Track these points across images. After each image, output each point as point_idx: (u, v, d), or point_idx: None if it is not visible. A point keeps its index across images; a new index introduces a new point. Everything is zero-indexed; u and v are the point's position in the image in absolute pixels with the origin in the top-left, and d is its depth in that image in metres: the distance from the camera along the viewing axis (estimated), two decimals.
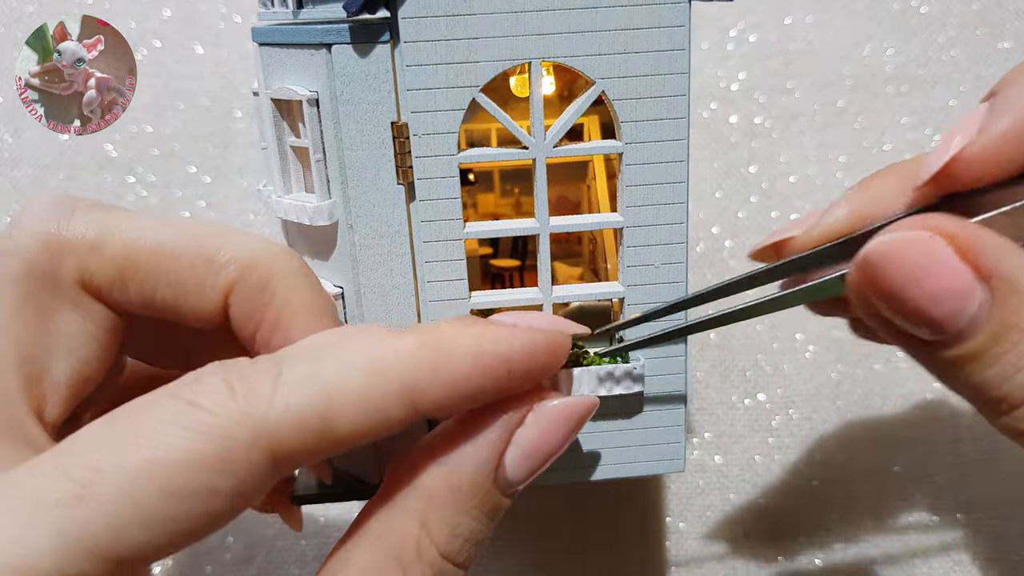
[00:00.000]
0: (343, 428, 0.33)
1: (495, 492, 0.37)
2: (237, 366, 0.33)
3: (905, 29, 0.70)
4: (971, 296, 0.31)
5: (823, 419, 0.70)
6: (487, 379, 0.35)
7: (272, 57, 0.43)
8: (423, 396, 0.34)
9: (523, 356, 0.36)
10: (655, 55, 0.41)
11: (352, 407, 0.33)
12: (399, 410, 0.33)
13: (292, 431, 0.32)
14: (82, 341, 0.38)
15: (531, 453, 0.38)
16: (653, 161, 0.42)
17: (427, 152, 0.41)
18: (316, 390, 0.32)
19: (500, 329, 0.36)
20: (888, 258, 0.32)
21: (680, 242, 0.43)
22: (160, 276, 0.38)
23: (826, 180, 0.70)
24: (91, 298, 0.38)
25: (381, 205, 0.42)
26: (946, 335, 0.32)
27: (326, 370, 0.33)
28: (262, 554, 0.68)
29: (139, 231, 0.38)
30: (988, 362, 0.32)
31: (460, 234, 0.42)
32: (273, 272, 0.39)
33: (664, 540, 0.70)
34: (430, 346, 0.34)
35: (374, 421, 0.33)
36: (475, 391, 0.35)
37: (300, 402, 0.32)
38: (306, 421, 0.32)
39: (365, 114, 0.41)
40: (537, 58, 0.40)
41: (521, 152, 0.42)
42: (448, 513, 0.36)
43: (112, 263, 0.38)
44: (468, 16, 0.39)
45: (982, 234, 0.32)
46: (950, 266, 0.32)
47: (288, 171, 0.44)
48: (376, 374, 0.33)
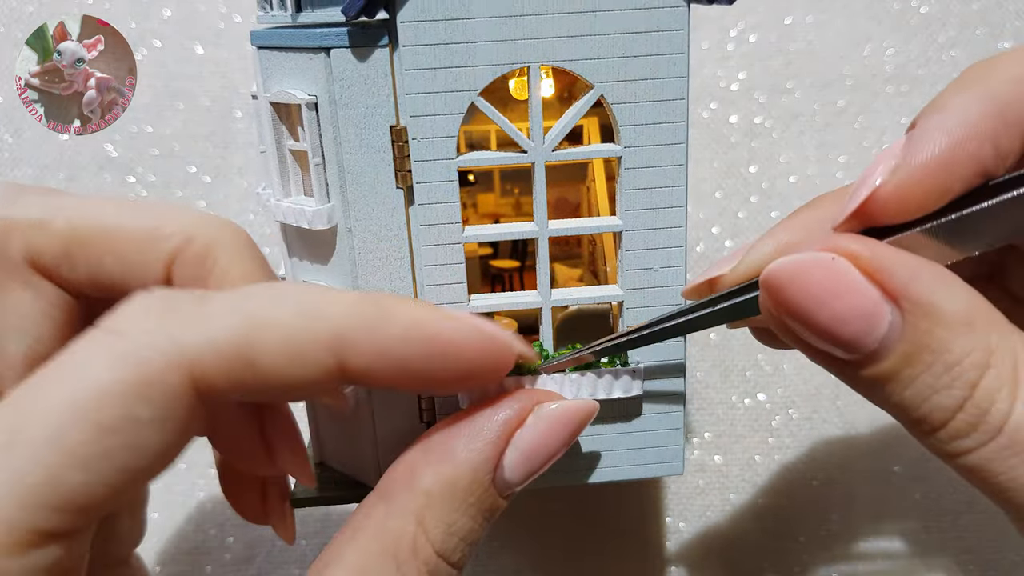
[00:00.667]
0: (265, 363, 0.32)
1: (492, 492, 0.38)
2: (160, 291, 0.33)
3: (905, 29, 0.70)
4: (879, 317, 0.31)
5: (823, 419, 0.70)
6: (419, 356, 0.34)
7: (271, 61, 0.43)
8: (351, 351, 0.33)
9: (462, 346, 0.35)
10: (654, 59, 0.41)
11: (276, 342, 0.32)
12: (324, 359, 0.33)
13: (212, 357, 0.31)
14: (35, 320, 0.39)
15: (530, 455, 0.38)
16: (652, 165, 0.42)
17: (426, 156, 0.41)
18: (240, 318, 0.32)
19: (443, 314, 0.35)
20: (791, 279, 0.32)
21: (679, 246, 0.43)
22: (105, 251, 0.39)
23: (826, 180, 0.70)
24: (41, 277, 0.39)
25: (380, 209, 0.42)
26: (858, 355, 0.32)
27: (254, 303, 0.33)
28: (262, 554, 0.68)
29: (83, 209, 0.39)
30: (904, 383, 0.32)
31: (459, 238, 0.42)
32: (213, 243, 0.39)
33: (664, 540, 0.70)
34: (369, 304, 0.34)
35: (298, 363, 0.32)
36: (405, 364, 0.34)
37: (222, 327, 0.32)
38: (226, 347, 0.31)
39: (364, 118, 0.41)
40: (536, 62, 0.40)
41: (520, 156, 0.42)
42: (445, 512, 0.37)
43: (58, 240, 0.38)
44: (467, 20, 0.39)
45: (890, 254, 0.32)
46: (855, 287, 0.31)
47: (287, 175, 0.44)
48: (306, 315, 0.33)
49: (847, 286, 0.31)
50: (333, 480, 0.48)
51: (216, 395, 0.32)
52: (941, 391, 0.31)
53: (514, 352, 0.37)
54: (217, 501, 0.68)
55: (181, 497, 0.68)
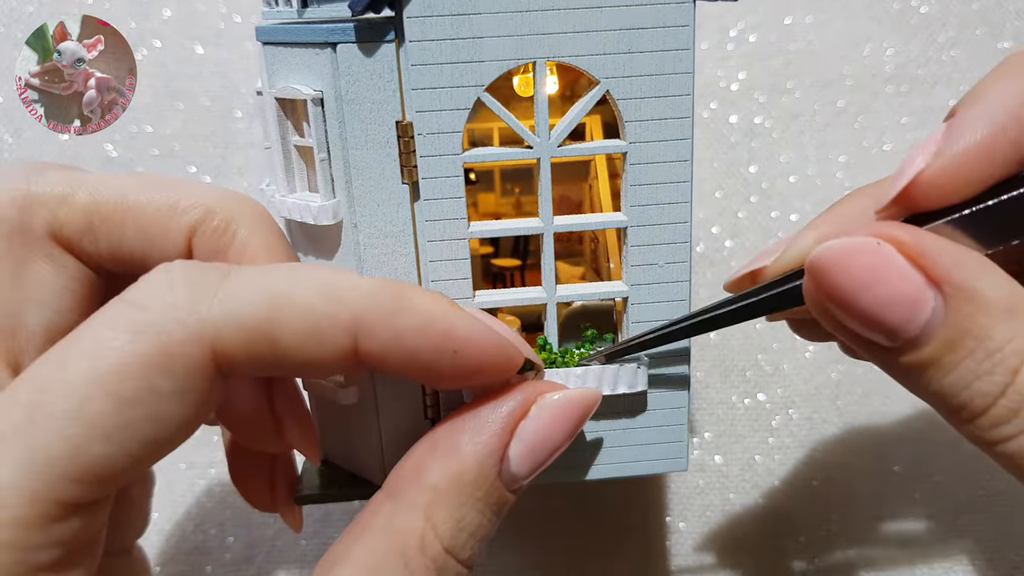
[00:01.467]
0: (286, 340, 0.32)
1: (500, 486, 0.38)
2: (183, 264, 0.33)
3: (905, 29, 0.70)
4: (922, 302, 0.31)
5: (823, 419, 0.70)
6: (431, 349, 0.35)
7: (276, 56, 0.43)
8: (368, 335, 0.33)
9: (473, 345, 0.36)
10: (659, 55, 0.41)
11: (298, 320, 0.32)
12: (342, 340, 0.33)
13: (233, 331, 0.32)
14: (57, 293, 0.39)
15: (535, 446, 0.38)
16: (657, 160, 0.42)
17: (432, 151, 0.41)
18: (264, 294, 0.32)
19: (459, 310, 0.36)
20: (836, 264, 0.32)
21: (684, 241, 0.43)
22: (127, 223, 0.39)
23: (826, 180, 0.70)
24: (63, 250, 0.39)
25: (385, 204, 0.42)
26: (900, 341, 0.32)
27: (277, 281, 0.33)
28: (262, 554, 0.68)
29: (105, 183, 0.40)
30: (945, 369, 0.32)
31: (464, 233, 0.42)
32: (233, 216, 0.40)
33: (664, 540, 0.70)
34: (389, 290, 0.34)
35: (317, 343, 0.33)
36: (416, 355, 0.35)
37: (245, 301, 0.32)
38: (249, 322, 0.32)
39: (370, 113, 0.41)
40: (542, 57, 0.40)
41: (526, 152, 0.42)
42: (453, 506, 0.37)
43: (81, 213, 0.39)
44: (473, 15, 0.39)
45: (934, 241, 0.32)
46: (899, 272, 0.31)
47: (292, 170, 0.44)
48: (328, 296, 0.33)
49: (891, 271, 0.31)
50: (337, 477, 0.48)
51: (235, 369, 0.33)
52: (982, 377, 0.31)
53: (521, 357, 0.38)
54: (217, 501, 0.68)
55: (181, 497, 0.68)
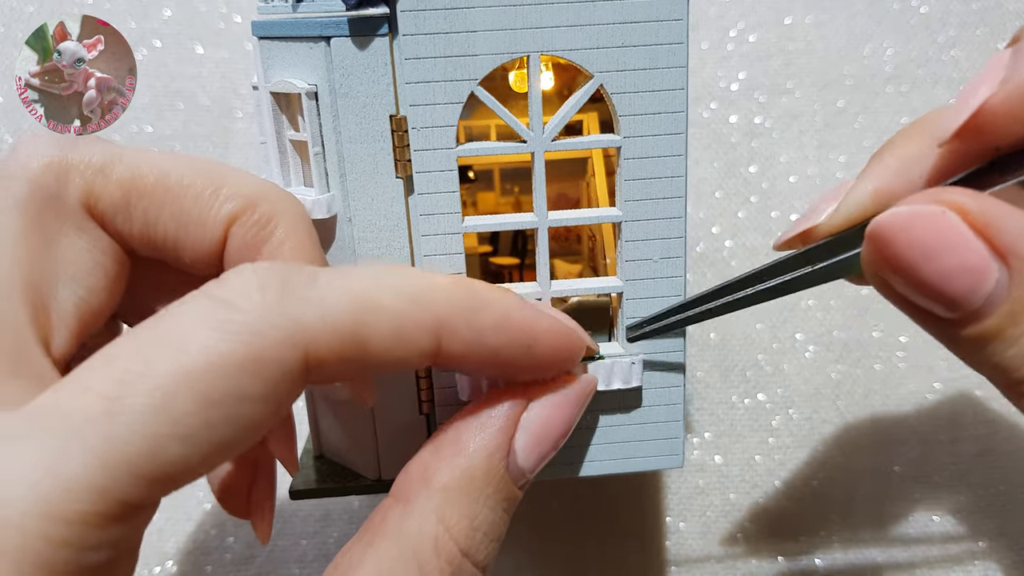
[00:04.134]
0: (375, 344, 0.32)
1: (508, 481, 0.37)
2: (271, 264, 0.32)
3: (905, 29, 0.70)
4: (987, 274, 0.30)
5: (823, 419, 0.70)
6: (511, 345, 0.35)
7: (271, 51, 0.43)
8: (451, 335, 0.34)
9: (546, 336, 0.36)
10: (653, 48, 0.41)
11: (386, 325, 0.32)
12: (427, 342, 0.33)
13: (327, 336, 0.31)
14: (88, 269, 0.38)
15: (540, 436, 0.38)
16: (651, 155, 0.42)
17: (426, 145, 0.41)
18: (353, 298, 0.32)
19: (529, 304, 0.36)
20: (899, 232, 0.31)
21: (679, 236, 0.43)
22: (165, 204, 0.38)
23: (826, 180, 0.70)
24: (96, 225, 0.38)
25: (380, 199, 0.42)
26: (962, 313, 0.31)
27: (363, 285, 0.33)
28: (262, 554, 0.68)
29: (146, 159, 0.38)
30: (1007, 343, 0.31)
31: (459, 228, 0.42)
32: (276, 211, 0.39)
33: (664, 540, 0.69)
34: (465, 289, 0.34)
35: (403, 345, 0.33)
36: (497, 352, 0.35)
37: (336, 307, 0.31)
38: (342, 326, 0.31)
39: (364, 107, 0.41)
40: (535, 51, 0.40)
41: (520, 146, 0.42)
42: (465, 505, 0.36)
43: (118, 187, 0.38)
44: (466, 9, 0.39)
45: (1000, 209, 0.30)
46: (964, 242, 0.30)
47: (287, 165, 0.44)
48: (411, 299, 0.33)
49: (956, 241, 0.30)
50: (332, 472, 0.48)
51: (324, 371, 0.32)
52: None
53: (585, 343, 0.39)
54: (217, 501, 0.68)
55: (181, 497, 0.68)
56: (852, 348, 0.70)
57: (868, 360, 0.70)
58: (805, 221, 0.39)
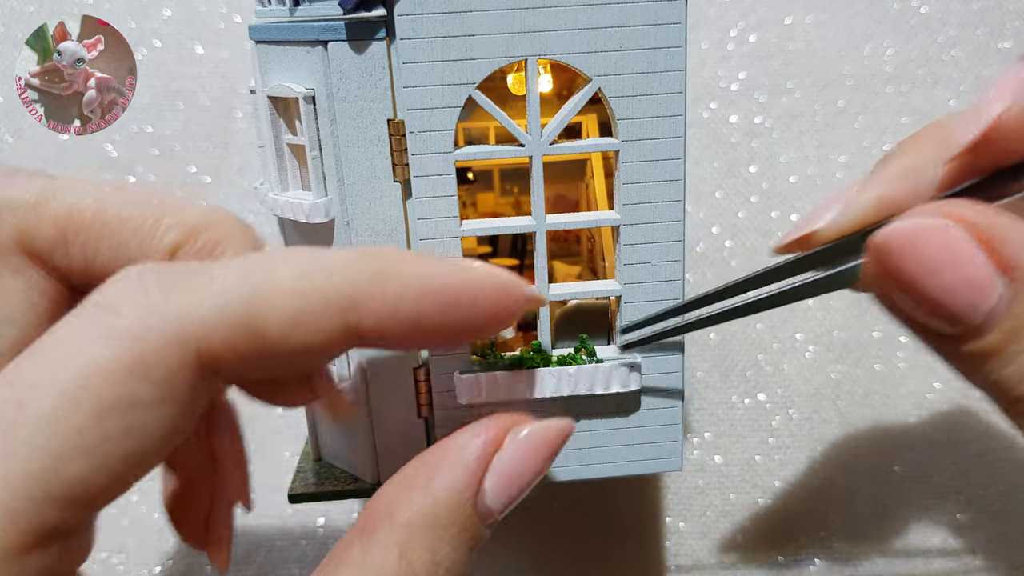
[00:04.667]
0: (274, 330, 0.30)
1: (476, 520, 0.36)
2: (155, 264, 0.32)
3: (905, 29, 0.70)
4: (990, 289, 0.30)
5: (823, 419, 0.70)
6: (432, 310, 0.33)
7: (269, 55, 0.43)
8: (362, 310, 0.32)
9: (472, 295, 0.34)
10: (651, 52, 0.41)
11: (283, 307, 0.31)
12: (335, 321, 0.31)
13: (216, 328, 0.30)
14: (22, 309, 0.36)
15: (510, 479, 0.37)
16: (650, 158, 0.42)
17: (423, 149, 0.41)
18: (244, 285, 0.30)
19: (450, 263, 0.34)
20: (903, 246, 0.31)
21: (677, 240, 0.43)
22: (103, 238, 0.36)
23: (826, 180, 0.70)
24: (31, 263, 0.37)
25: (378, 202, 0.42)
26: (963, 328, 0.31)
27: (257, 268, 0.31)
28: (262, 554, 0.68)
29: (82, 193, 0.37)
30: (1006, 360, 0.31)
31: (457, 232, 0.42)
32: (220, 238, 0.37)
33: (664, 540, 0.69)
34: (373, 258, 0.32)
35: (306, 329, 0.31)
36: (418, 319, 0.33)
37: (224, 295, 0.30)
38: (233, 317, 0.30)
39: (361, 111, 0.41)
40: (533, 55, 0.40)
41: (517, 149, 0.42)
42: (429, 542, 0.35)
43: (52, 224, 0.36)
44: (464, 13, 0.39)
45: (1005, 223, 0.30)
46: (969, 257, 0.30)
47: (285, 169, 0.44)
48: (311, 276, 0.31)
49: (961, 256, 0.30)
50: (331, 476, 0.48)
51: (224, 369, 0.31)
52: None
53: (524, 294, 0.36)
54: None
55: None
56: (852, 348, 0.70)
57: (868, 360, 0.70)
58: (806, 225, 0.38)
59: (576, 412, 0.45)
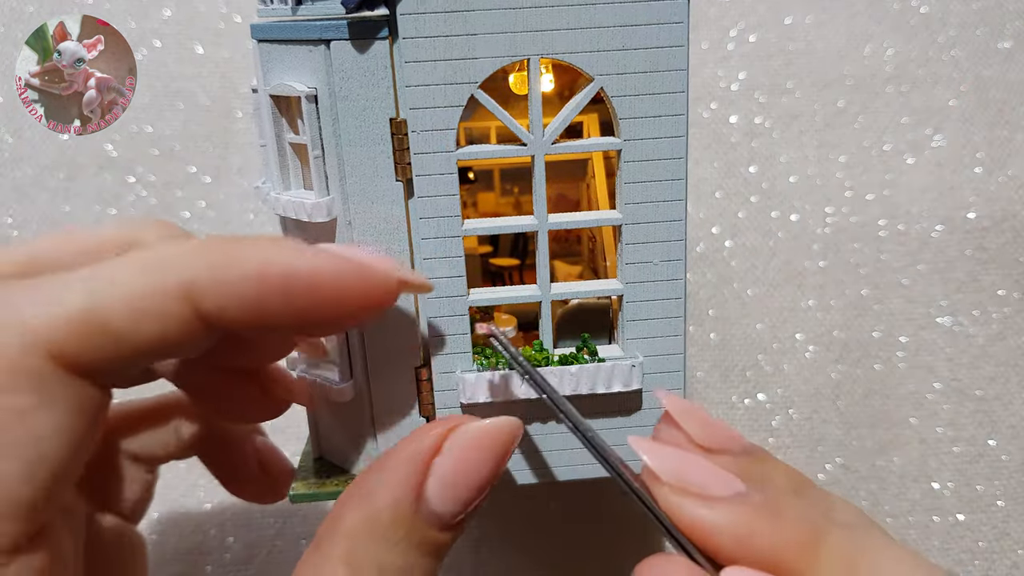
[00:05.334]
0: (118, 324, 0.31)
1: (422, 525, 0.36)
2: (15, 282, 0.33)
3: (905, 29, 0.70)
4: None
5: (823, 419, 0.70)
6: (275, 296, 0.33)
7: (271, 54, 0.43)
8: (204, 296, 0.32)
9: (320, 282, 0.34)
10: (654, 52, 0.41)
11: (122, 302, 0.31)
12: (176, 309, 0.32)
13: (63, 329, 0.31)
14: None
15: (452, 481, 0.37)
16: (652, 158, 0.42)
17: (425, 149, 0.41)
18: (85, 286, 0.31)
19: (299, 250, 0.34)
20: None
21: (679, 239, 0.43)
22: None
23: (826, 180, 0.70)
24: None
25: (380, 202, 0.42)
26: None
27: (102, 271, 0.32)
28: (262, 554, 0.68)
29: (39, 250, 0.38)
30: None
31: (458, 231, 0.42)
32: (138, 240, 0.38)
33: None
34: (216, 248, 0.33)
35: (151, 317, 0.32)
36: (261, 305, 0.33)
37: (64, 298, 0.31)
38: (74, 316, 0.31)
39: (363, 110, 0.41)
40: (535, 54, 0.40)
41: (520, 149, 0.42)
42: (372, 550, 0.35)
43: None
44: (466, 12, 0.39)
45: None
46: None
47: (287, 168, 0.44)
48: (148, 268, 0.32)
49: None
50: (333, 474, 0.48)
51: (88, 367, 0.32)
52: None
53: (393, 279, 0.36)
54: (217, 501, 0.68)
55: (181, 497, 0.68)
56: (852, 348, 0.70)
57: (868, 360, 0.70)
58: None
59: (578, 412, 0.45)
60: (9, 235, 0.68)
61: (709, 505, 0.33)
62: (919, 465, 0.69)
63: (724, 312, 0.71)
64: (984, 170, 0.71)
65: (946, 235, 0.71)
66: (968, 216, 0.71)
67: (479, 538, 0.68)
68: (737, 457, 0.35)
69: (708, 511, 0.33)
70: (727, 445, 0.36)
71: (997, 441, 0.70)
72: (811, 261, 0.71)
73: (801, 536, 0.31)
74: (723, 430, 0.36)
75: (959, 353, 0.71)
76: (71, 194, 0.69)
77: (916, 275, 0.71)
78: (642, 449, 0.35)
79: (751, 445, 0.36)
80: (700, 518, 0.33)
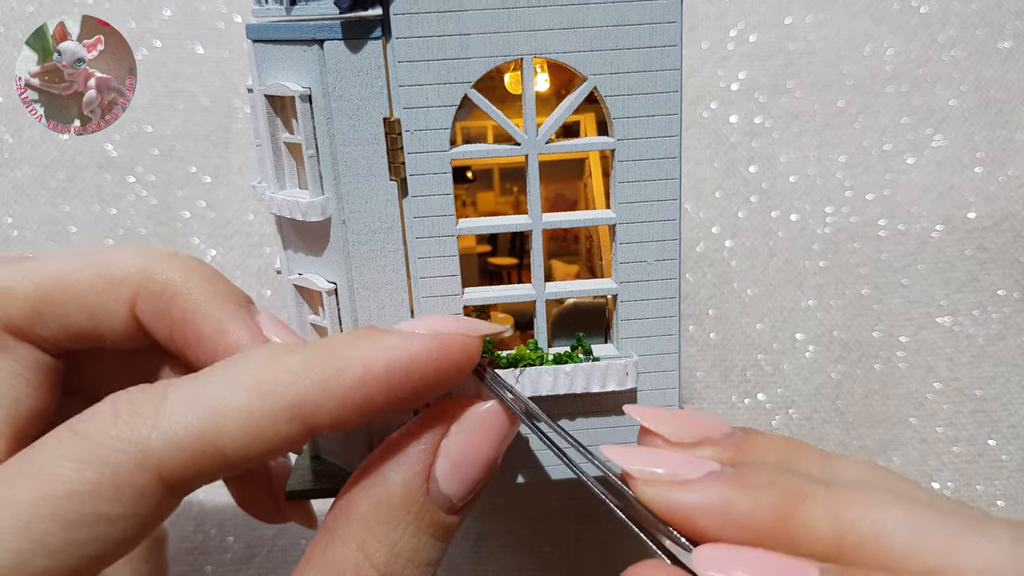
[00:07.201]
0: (231, 448, 0.33)
1: (432, 507, 0.38)
2: (128, 393, 0.35)
3: (905, 29, 0.70)
4: None
5: (823, 419, 0.70)
6: (380, 390, 0.35)
7: (266, 54, 0.43)
8: (315, 412, 0.34)
9: (417, 366, 0.36)
10: (647, 51, 0.41)
11: (237, 427, 0.33)
12: (289, 428, 0.34)
13: (177, 453, 0.33)
14: (12, 382, 0.40)
15: (460, 462, 0.38)
16: (646, 157, 0.42)
17: (419, 148, 0.41)
18: (199, 411, 0.33)
19: (391, 338, 0.36)
20: None
21: (673, 239, 0.43)
22: (69, 303, 0.40)
23: (826, 180, 0.70)
24: (16, 340, 0.40)
25: (374, 201, 0.42)
26: None
27: (211, 391, 0.34)
28: (262, 554, 0.68)
29: (44, 268, 0.40)
30: None
31: (453, 230, 0.42)
32: (171, 275, 0.41)
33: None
34: (318, 361, 0.35)
35: (263, 440, 0.34)
36: (368, 402, 0.35)
37: (182, 424, 0.33)
38: (189, 443, 0.33)
39: (358, 110, 0.41)
40: (529, 54, 0.40)
41: (513, 148, 0.42)
42: (384, 533, 0.37)
43: (25, 302, 0.39)
44: (460, 12, 0.39)
45: None
46: None
47: (282, 167, 0.44)
48: (261, 393, 0.34)
49: None
50: (329, 473, 0.48)
51: (187, 485, 0.34)
52: None
53: (475, 341, 0.38)
54: (217, 501, 0.68)
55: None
56: (852, 348, 0.70)
57: (868, 360, 0.70)
58: None
59: (573, 411, 0.45)
60: (9, 235, 0.69)
61: (683, 488, 0.33)
62: (919, 465, 0.69)
63: (724, 312, 0.71)
64: (984, 170, 0.71)
65: (946, 235, 0.71)
66: (968, 216, 0.71)
67: (479, 538, 0.68)
68: (719, 443, 0.36)
69: (683, 493, 0.33)
70: (707, 435, 0.36)
71: (997, 441, 0.69)
72: (811, 261, 0.71)
73: (775, 500, 0.32)
74: (700, 422, 0.37)
75: (959, 353, 0.71)
76: (71, 194, 0.69)
77: (916, 275, 0.71)
78: (613, 454, 0.35)
79: (735, 429, 0.37)
80: (676, 501, 0.33)
